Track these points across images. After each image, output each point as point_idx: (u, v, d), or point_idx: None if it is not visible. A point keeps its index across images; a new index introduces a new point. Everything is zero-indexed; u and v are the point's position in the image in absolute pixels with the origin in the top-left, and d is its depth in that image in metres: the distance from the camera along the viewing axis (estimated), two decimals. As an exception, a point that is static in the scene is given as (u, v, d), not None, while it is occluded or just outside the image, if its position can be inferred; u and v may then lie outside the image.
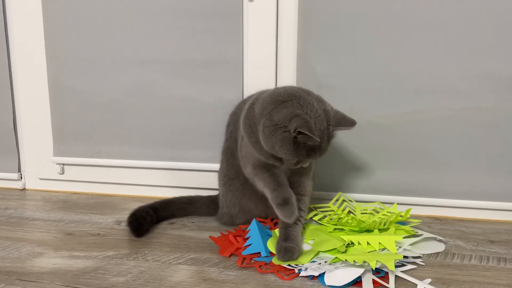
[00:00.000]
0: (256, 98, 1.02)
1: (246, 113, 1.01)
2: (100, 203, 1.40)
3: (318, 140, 0.90)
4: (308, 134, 0.88)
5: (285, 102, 0.93)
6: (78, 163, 1.48)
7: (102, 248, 1.06)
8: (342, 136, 1.28)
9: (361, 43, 1.25)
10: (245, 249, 1.02)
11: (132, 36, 1.38)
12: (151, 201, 1.24)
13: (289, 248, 0.96)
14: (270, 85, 1.30)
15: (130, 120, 1.42)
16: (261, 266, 0.96)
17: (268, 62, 1.31)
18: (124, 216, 1.18)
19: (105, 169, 1.47)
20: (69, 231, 1.17)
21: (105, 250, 1.05)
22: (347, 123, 0.97)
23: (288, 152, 0.91)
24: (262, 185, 1.02)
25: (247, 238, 1.05)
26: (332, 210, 1.17)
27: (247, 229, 1.08)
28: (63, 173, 1.50)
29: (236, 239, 1.07)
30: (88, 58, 1.41)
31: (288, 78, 1.30)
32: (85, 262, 0.99)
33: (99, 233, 1.15)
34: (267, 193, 1.01)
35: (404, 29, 1.22)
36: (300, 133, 0.89)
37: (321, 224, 1.12)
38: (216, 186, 1.24)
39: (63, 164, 1.50)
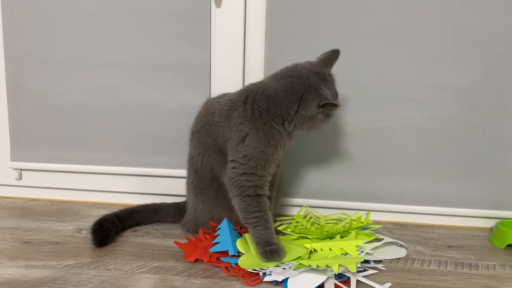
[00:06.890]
0: (247, 98, 1.02)
1: (249, 114, 1.01)
2: (59, 210, 1.35)
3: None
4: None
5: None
6: (36, 168, 1.42)
7: (62, 257, 1.02)
8: (305, 143, 1.30)
9: (326, 52, 1.27)
10: (213, 246, 1.02)
11: (96, 38, 1.34)
12: (114, 208, 1.21)
13: (274, 250, 0.99)
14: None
15: (93, 124, 1.38)
16: (227, 267, 0.96)
17: (235, 67, 1.31)
18: (85, 223, 1.15)
19: (65, 175, 1.42)
20: (26, 239, 1.13)
21: (65, 259, 1.02)
22: None
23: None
24: (252, 223, 1.03)
25: (217, 236, 1.05)
26: (298, 222, 1.19)
27: (217, 228, 1.07)
28: (20, 178, 1.44)
29: (205, 236, 1.07)
30: (49, 59, 1.37)
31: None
32: (43, 271, 0.95)
33: (58, 241, 1.11)
34: (256, 240, 1.01)
35: (368, 41, 1.25)
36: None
37: (285, 233, 1.13)
38: (182, 193, 1.22)
39: (21, 170, 1.44)
